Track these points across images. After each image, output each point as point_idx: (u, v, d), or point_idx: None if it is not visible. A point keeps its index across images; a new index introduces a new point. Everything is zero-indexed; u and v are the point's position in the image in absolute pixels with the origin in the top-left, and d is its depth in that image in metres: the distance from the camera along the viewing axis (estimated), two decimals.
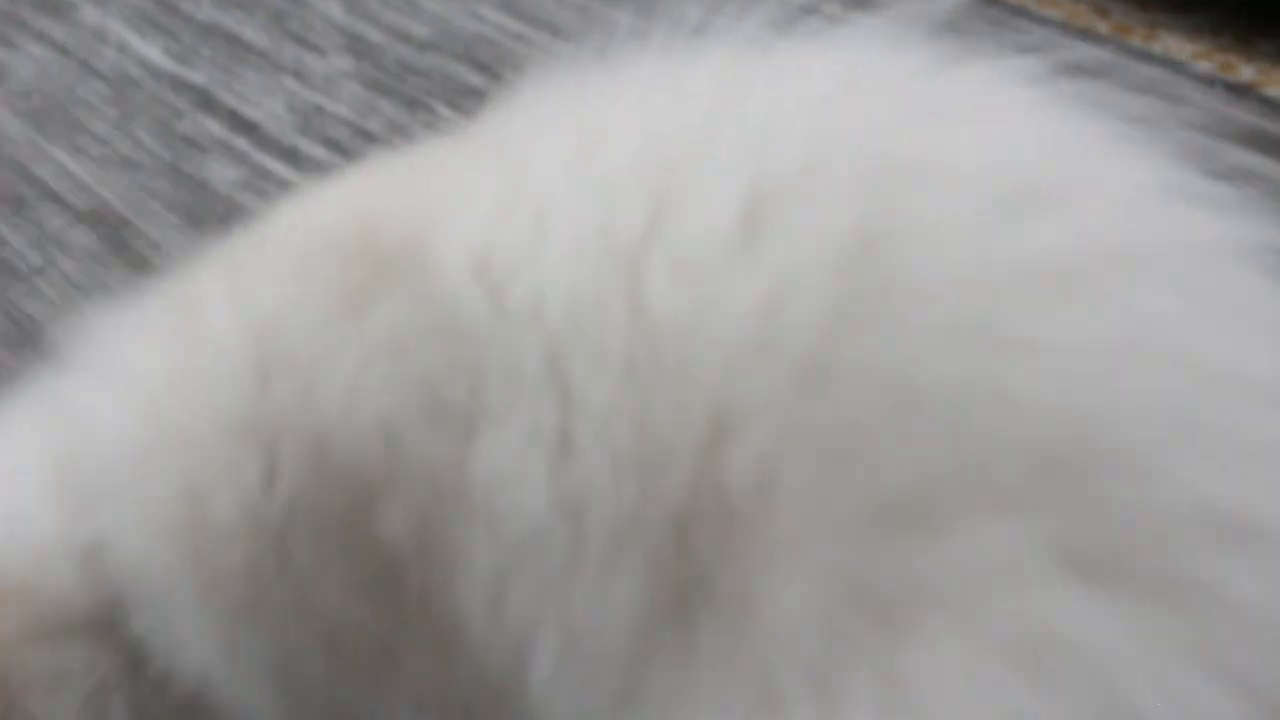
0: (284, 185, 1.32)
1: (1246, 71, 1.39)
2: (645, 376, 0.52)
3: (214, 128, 1.44)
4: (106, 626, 0.64)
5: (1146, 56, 1.42)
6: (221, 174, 1.35)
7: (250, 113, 1.46)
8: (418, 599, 0.57)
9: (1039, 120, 0.53)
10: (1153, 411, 0.46)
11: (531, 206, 0.56)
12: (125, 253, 1.26)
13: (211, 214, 1.29)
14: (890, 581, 0.47)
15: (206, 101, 1.49)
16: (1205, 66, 1.40)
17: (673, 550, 0.51)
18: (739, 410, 0.49)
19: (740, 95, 0.56)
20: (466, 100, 1.46)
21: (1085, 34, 1.47)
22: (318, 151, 1.38)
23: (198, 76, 1.54)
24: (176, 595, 0.61)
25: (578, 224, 0.55)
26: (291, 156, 1.38)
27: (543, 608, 0.55)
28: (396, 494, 0.56)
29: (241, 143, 1.41)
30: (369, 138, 1.41)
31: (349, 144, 1.40)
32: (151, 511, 0.60)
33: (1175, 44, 1.45)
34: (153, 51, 1.60)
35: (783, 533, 0.49)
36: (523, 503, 0.54)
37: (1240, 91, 1.34)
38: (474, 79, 1.50)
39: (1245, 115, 1.28)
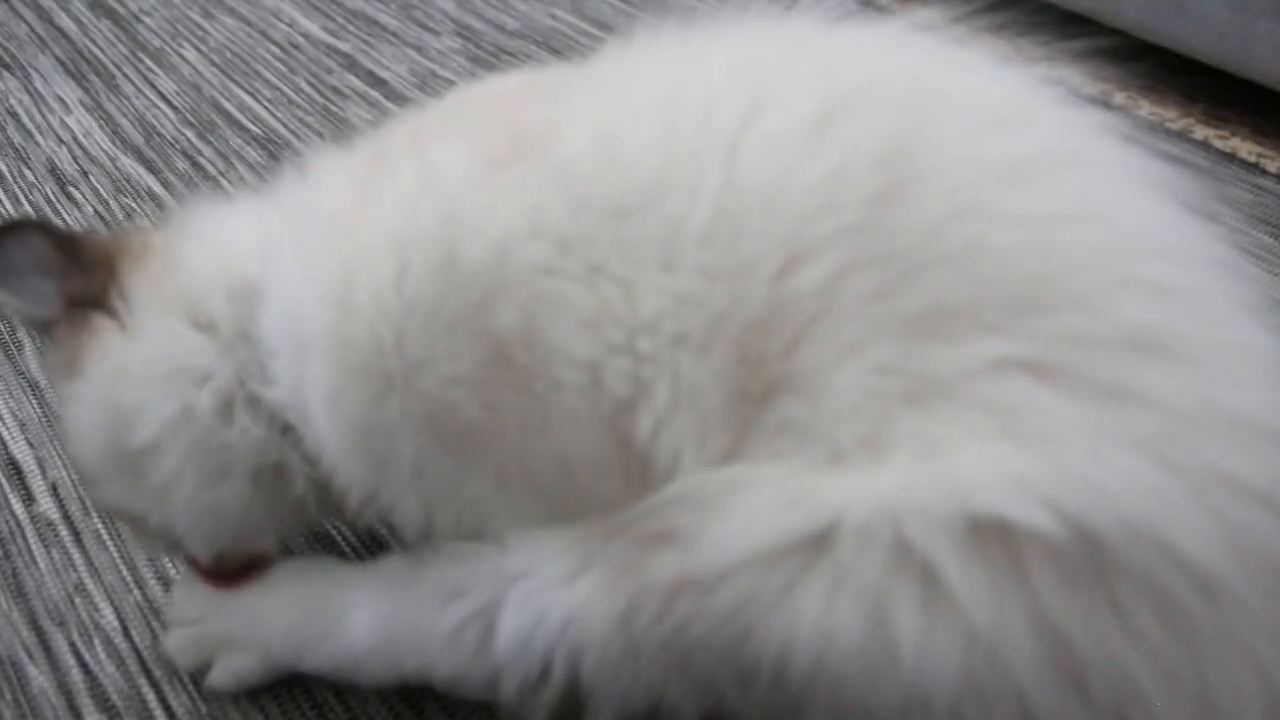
0: None
1: (1119, 96, 1.46)
2: (735, 215, 0.54)
3: (355, 82, 1.49)
4: (232, 339, 0.65)
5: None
6: (358, 115, 1.40)
7: (382, 74, 1.51)
8: (517, 382, 0.56)
9: (1006, 71, 0.59)
10: (1094, 262, 0.51)
11: (645, 98, 0.58)
12: (284, 166, 1.30)
13: (350, 143, 1.33)
14: (918, 371, 0.51)
15: (351, 64, 1.54)
16: (1089, 91, 1.48)
17: (756, 344, 0.53)
18: (807, 247, 0.53)
19: (813, 42, 0.60)
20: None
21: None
22: (430, 104, 1.42)
23: (345, 46, 1.59)
24: (310, 346, 0.60)
25: (681, 110, 0.57)
26: (410, 106, 1.31)
27: (648, 374, 0.55)
28: (508, 295, 0.56)
29: (374, 94, 1.45)
30: None
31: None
32: (316, 276, 0.61)
33: (1067, 73, 1.53)
34: (313, 27, 1.65)
35: (841, 334, 0.52)
36: (635, 301, 0.55)
37: (1114, 110, 1.42)
38: (549, 60, 1.54)
39: (1116, 127, 1.37)
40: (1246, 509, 0.48)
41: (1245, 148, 1.35)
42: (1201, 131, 1.38)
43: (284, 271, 0.63)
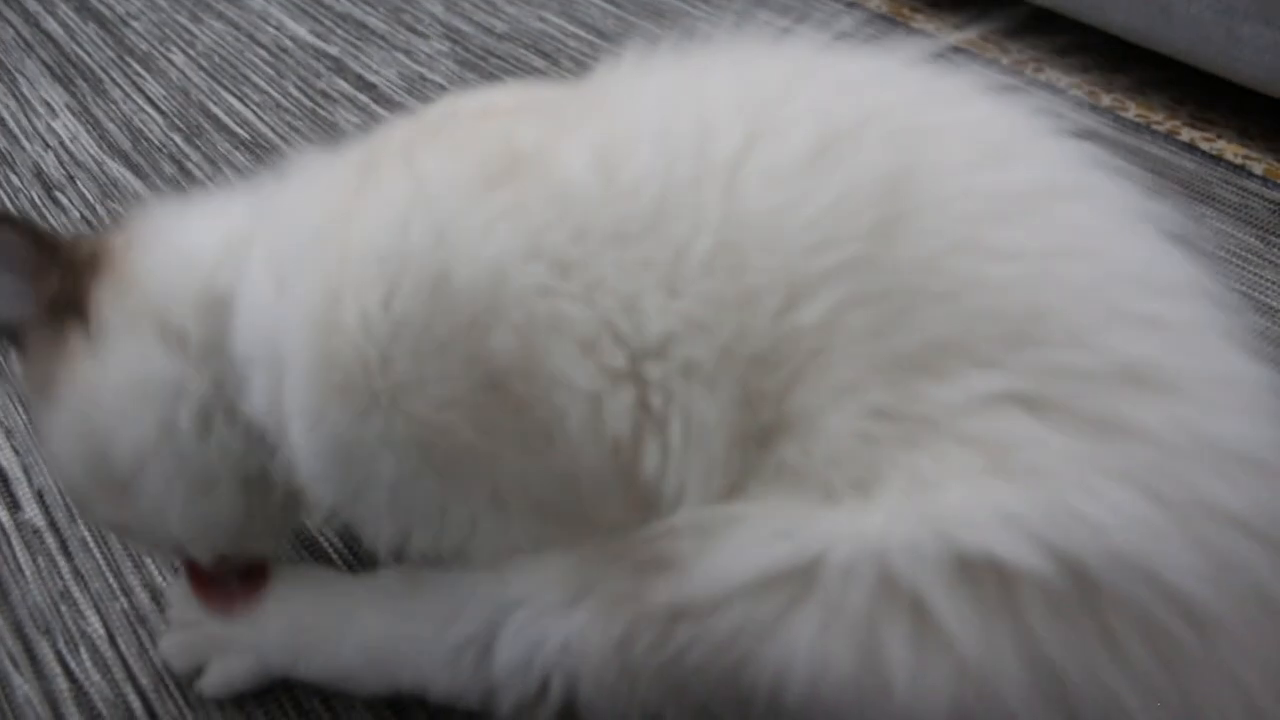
0: None
1: (1106, 99, 1.47)
2: (736, 247, 0.54)
3: (344, 86, 1.48)
4: (202, 352, 0.63)
5: (1034, 83, 1.49)
6: (347, 119, 1.40)
7: (371, 77, 1.50)
8: (515, 409, 0.56)
9: (1001, 104, 0.59)
10: (1085, 297, 0.52)
11: (642, 125, 0.57)
12: (273, 170, 1.31)
13: (330, 148, 1.34)
14: (910, 411, 0.51)
15: (339, 67, 1.53)
16: (1077, 93, 1.48)
17: (757, 382, 0.53)
18: (808, 282, 0.53)
19: (811, 71, 0.59)
20: (532, 78, 1.48)
21: (991, 64, 1.54)
22: (419, 108, 1.35)
23: (333, 49, 1.58)
24: (289, 361, 0.59)
25: (680, 137, 0.56)
26: (399, 110, 1.40)
27: (658, 405, 0.54)
28: (502, 319, 0.55)
29: (363, 98, 1.45)
30: None
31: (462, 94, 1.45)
32: (296, 292, 0.59)
33: (1056, 75, 1.53)
34: (301, 30, 1.64)
35: (837, 374, 0.52)
36: (640, 321, 0.54)
37: (1102, 112, 1.43)
38: (538, 63, 1.54)
39: (1104, 129, 1.37)
40: (1233, 539, 0.49)
41: (1231, 150, 1.35)
42: (1188, 134, 1.39)
43: (258, 284, 0.62)
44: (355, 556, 0.81)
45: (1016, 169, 0.56)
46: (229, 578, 0.70)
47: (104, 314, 0.64)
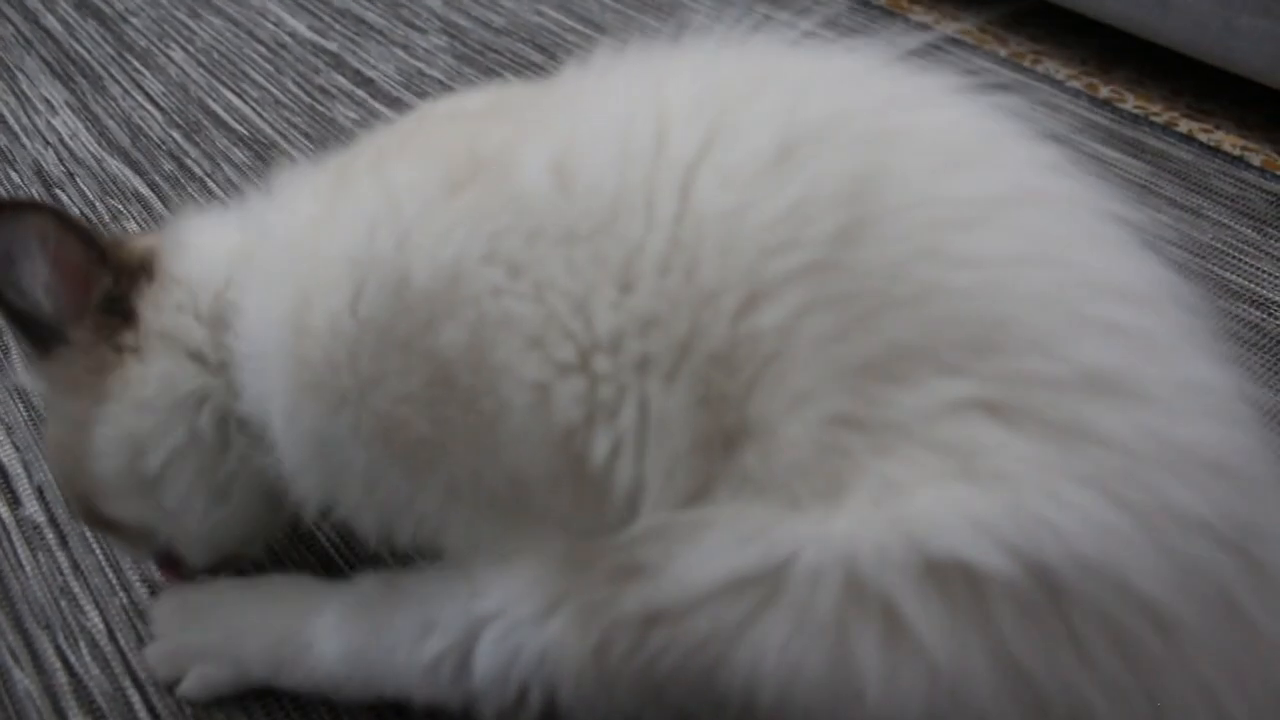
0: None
1: (1104, 90, 1.47)
2: (691, 246, 0.54)
3: (342, 81, 1.48)
4: (218, 364, 0.66)
5: (1034, 74, 1.50)
6: (345, 114, 1.40)
7: (369, 72, 1.51)
8: (464, 401, 0.57)
9: (967, 110, 0.58)
10: (1049, 304, 0.52)
11: (600, 124, 0.58)
12: (271, 167, 1.24)
13: (336, 143, 1.24)
14: (873, 418, 0.51)
15: (338, 63, 1.53)
16: (1075, 84, 1.48)
17: (719, 382, 0.54)
18: (768, 285, 0.53)
19: (776, 72, 0.59)
20: (529, 72, 1.50)
21: (990, 55, 1.55)
22: (417, 103, 1.40)
23: (331, 45, 1.58)
24: (269, 364, 0.62)
25: (636, 137, 0.57)
26: (397, 105, 1.42)
27: (609, 395, 0.55)
28: (455, 317, 0.56)
29: (361, 93, 1.45)
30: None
31: (440, 99, 1.46)
32: (275, 298, 0.62)
33: (1054, 67, 1.53)
34: (299, 25, 1.64)
35: (796, 379, 0.52)
36: (590, 317, 0.55)
37: (1100, 103, 1.43)
38: (535, 57, 1.54)
39: (1103, 120, 1.37)
40: (1197, 544, 0.49)
41: (1229, 141, 1.35)
42: (1186, 125, 1.39)
43: (250, 295, 0.65)
44: (353, 553, 0.81)
45: (981, 174, 0.56)
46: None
47: (149, 320, 0.67)
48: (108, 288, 0.67)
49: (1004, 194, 0.55)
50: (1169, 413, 0.51)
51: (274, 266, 0.63)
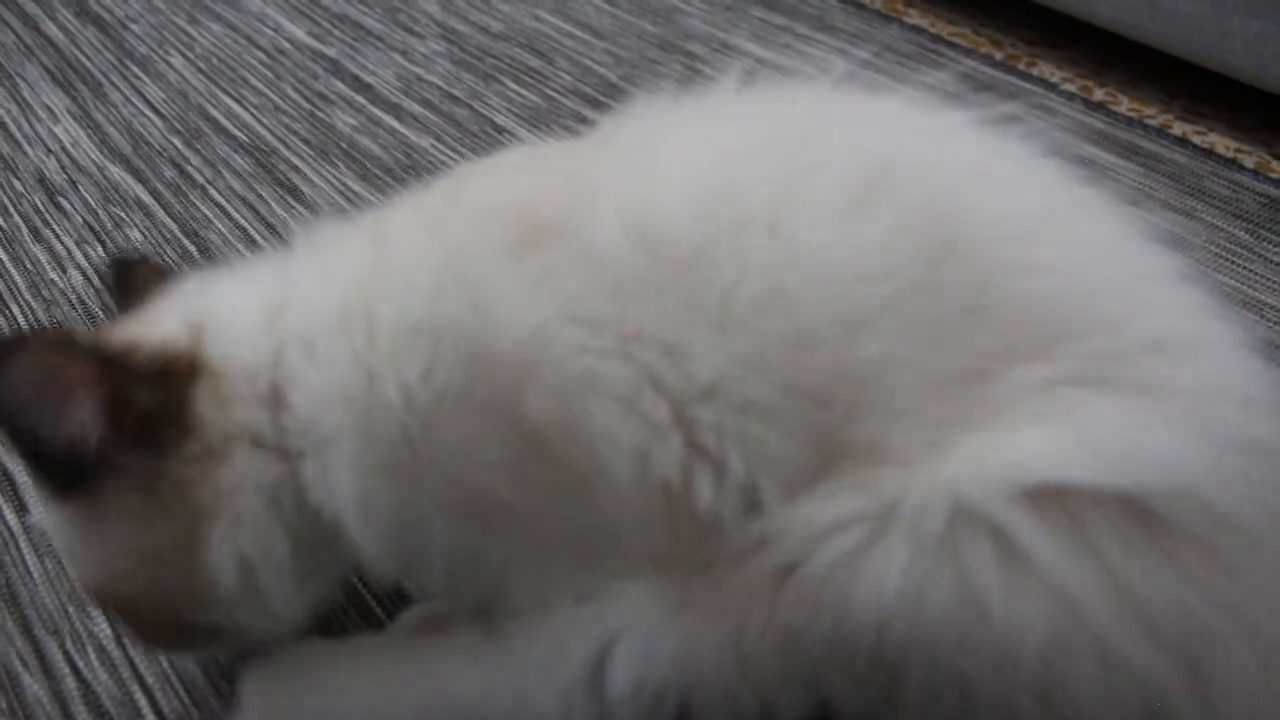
0: (390, 131, 1.37)
1: (1098, 93, 1.48)
2: (787, 288, 0.57)
3: (340, 87, 1.49)
4: (282, 448, 0.62)
5: (1028, 77, 1.51)
6: (344, 120, 1.41)
7: (368, 78, 1.51)
8: (553, 462, 0.57)
9: (1003, 140, 0.64)
10: (1107, 294, 0.59)
11: (667, 179, 0.60)
12: (272, 173, 1.30)
13: (335, 148, 1.34)
14: (972, 413, 0.56)
15: (336, 69, 1.54)
16: (1070, 88, 1.49)
17: (819, 414, 0.57)
18: (865, 313, 0.56)
19: (826, 113, 0.63)
20: (526, 77, 1.50)
21: (985, 58, 1.55)
22: (415, 108, 1.43)
23: (330, 51, 1.59)
24: (336, 446, 0.59)
25: (710, 185, 0.59)
26: (396, 110, 1.43)
27: (711, 444, 0.57)
28: (541, 380, 0.56)
29: (360, 99, 1.46)
30: (454, 100, 1.45)
31: (438, 104, 1.44)
32: (330, 373, 0.59)
33: (1048, 70, 1.54)
34: (298, 32, 1.65)
35: (898, 402, 0.56)
36: (686, 363, 0.56)
37: (1094, 106, 1.43)
38: (533, 62, 1.55)
39: (1097, 124, 1.38)
40: (1262, 465, 0.55)
41: (1223, 143, 1.36)
42: (1180, 127, 1.40)
43: (298, 367, 0.61)
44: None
45: (1031, 193, 0.62)
46: None
47: (210, 420, 0.61)
48: (146, 402, 0.60)
49: (1052, 209, 0.62)
50: (1217, 364, 0.59)
51: (322, 337, 0.60)
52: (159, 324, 0.64)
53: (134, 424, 0.60)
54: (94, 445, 0.59)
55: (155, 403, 0.60)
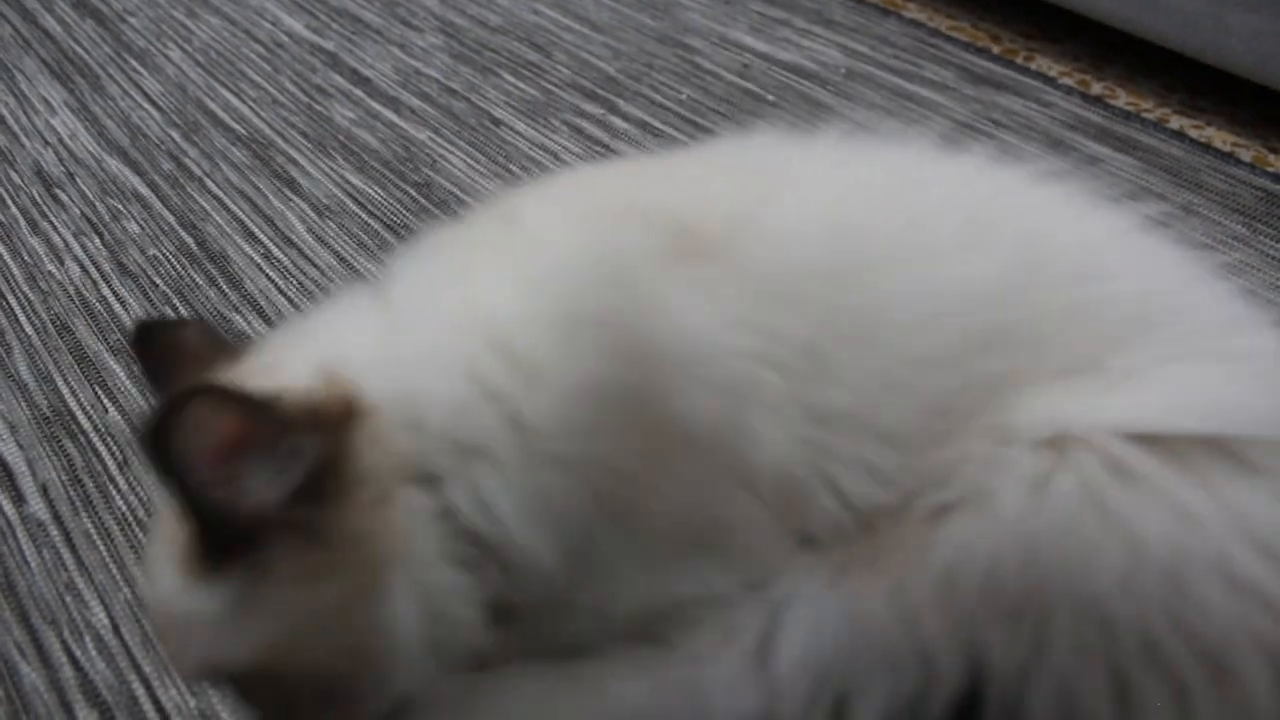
0: (388, 124, 1.38)
1: (1096, 87, 1.49)
2: (931, 314, 0.62)
3: (339, 80, 1.50)
4: (436, 478, 0.59)
5: (1026, 71, 1.52)
6: (342, 114, 1.41)
7: (366, 71, 1.52)
8: (697, 458, 0.59)
9: (1055, 186, 0.71)
10: (1175, 289, 0.68)
11: (813, 207, 0.65)
12: (269, 166, 1.31)
13: (333, 141, 1.35)
14: (1015, 412, 0.62)
15: (335, 62, 1.55)
16: (1068, 81, 1.49)
17: (934, 427, 0.62)
18: (994, 333, 0.63)
19: (917, 166, 0.71)
20: (525, 70, 1.51)
21: (983, 52, 1.56)
22: (414, 102, 1.44)
23: (329, 44, 1.60)
24: (482, 455, 0.58)
25: (849, 220, 0.65)
26: (394, 104, 1.43)
27: (836, 472, 0.61)
28: (697, 378, 0.58)
29: (358, 92, 1.46)
30: (452, 93, 1.46)
31: (436, 97, 1.45)
32: (462, 386, 0.58)
33: (1047, 64, 1.54)
34: (297, 25, 1.66)
35: (1006, 410, 0.62)
36: (833, 378, 0.60)
37: (1092, 100, 1.44)
38: (531, 56, 1.55)
39: (1095, 117, 1.39)
40: None
41: (1220, 137, 1.37)
42: (1178, 121, 1.40)
43: (430, 388, 0.59)
44: None
45: (1092, 221, 0.71)
46: None
47: (375, 462, 0.58)
48: (319, 452, 0.56)
49: (1107, 230, 0.70)
50: (1269, 336, 0.67)
51: (448, 358, 0.59)
52: (283, 372, 0.60)
53: (308, 479, 0.56)
54: (274, 507, 0.55)
55: (325, 454, 0.56)
